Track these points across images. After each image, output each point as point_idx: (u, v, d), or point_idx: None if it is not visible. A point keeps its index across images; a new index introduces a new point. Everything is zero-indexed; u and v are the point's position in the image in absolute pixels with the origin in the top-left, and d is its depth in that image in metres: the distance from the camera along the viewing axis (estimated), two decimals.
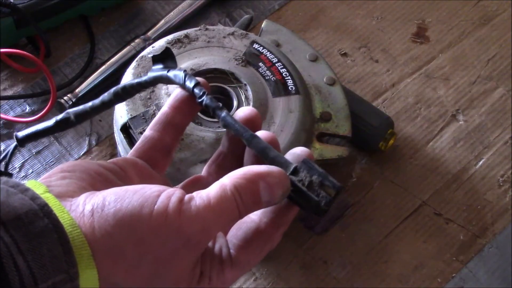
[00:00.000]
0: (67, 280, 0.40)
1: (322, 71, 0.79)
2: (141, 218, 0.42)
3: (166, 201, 0.43)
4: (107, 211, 0.42)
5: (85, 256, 0.41)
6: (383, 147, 0.80)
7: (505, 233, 0.77)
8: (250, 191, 0.44)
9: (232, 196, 0.44)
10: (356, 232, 0.77)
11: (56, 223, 0.40)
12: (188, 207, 0.43)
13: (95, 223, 0.42)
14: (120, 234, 0.42)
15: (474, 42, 0.91)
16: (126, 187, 0.44)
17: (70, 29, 0.90)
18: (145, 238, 0.42)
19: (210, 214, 0.43)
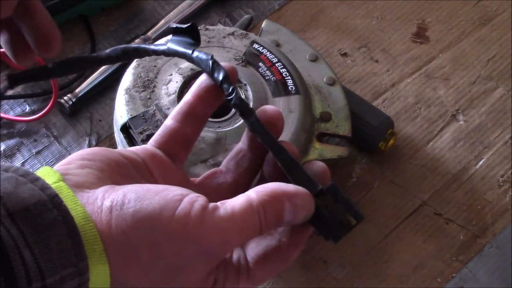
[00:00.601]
0: (76, 274, 0.39)
1: (322, 71, 0.79)
2: (160, 221, 0.41)
3: (188, 207, 0.41)
4: (126, 210, 0.41)
5: (97, 251, 0.40)
6: (383, 147, 0.80)
7: (505, 233, 0.77)
8: (275, 210, 0.43)
9: (257, 213, 0.43)
10: (356, 232, 0.77)
11: (66, 215, 0.39)
12: (211, 216, 0.42)
13: (112, 221, 0.41)
14: (136, 235, 0.41)
15: (474, 42, 0.91)
16: (148, 186, 0.42)
17: (70, 29, 0.90)
18: (162, 243, 0.41)
19: (232, 227, 0.42)
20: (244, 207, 0.43)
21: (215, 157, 0.70)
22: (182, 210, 0.41)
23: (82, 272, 0.39)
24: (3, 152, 0.81)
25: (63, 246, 0.39)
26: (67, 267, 0.39)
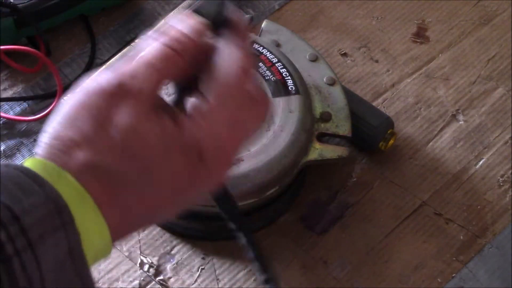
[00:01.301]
0: (46, 202, 0.39)
1: (322, 71, 0.79)
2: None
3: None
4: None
5: (55, 169, 0.41)
6: (383, 147, 0.80)
7: (505, 233, 0.77)
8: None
9: (159, 43, 0.45)
10: (356, 232, 0.77)
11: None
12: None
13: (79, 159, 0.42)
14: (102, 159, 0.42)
15: (474, 42, 0.91)
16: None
17: (70, 29, 0.90)
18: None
19: (136, 63, 0.44)
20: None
21: None
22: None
23: (60, 208, 0.39)
24: (3, 152, 0.81)
25: (21, 181, 0.39)
26: (31, 195, 0.39)
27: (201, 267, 0.74)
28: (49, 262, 0.38)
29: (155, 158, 0.43)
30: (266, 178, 0.71)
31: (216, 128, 0.45)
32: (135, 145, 0.43)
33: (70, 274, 0.40)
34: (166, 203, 0.46)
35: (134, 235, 0.76)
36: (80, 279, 0.40)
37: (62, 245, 0.39)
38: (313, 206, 0.78)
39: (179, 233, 0.76)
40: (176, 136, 0.44)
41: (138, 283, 0.73)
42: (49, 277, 0.38)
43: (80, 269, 0.40)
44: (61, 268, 0.39)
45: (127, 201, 0.43)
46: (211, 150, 0.45)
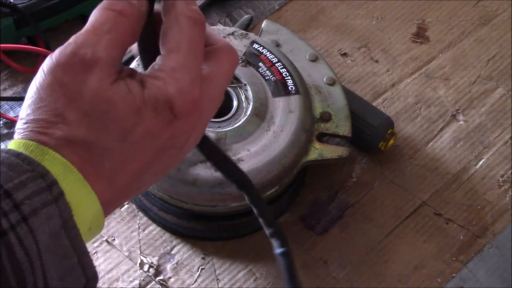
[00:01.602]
0: (35, 177, 0.40)
1: (322, 71, 0.79)
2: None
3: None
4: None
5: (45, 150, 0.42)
6: (383, 147, 0.80)
7: (505, 233, 0.77)
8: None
9: (102, 10, 0.46)
10: (356, 232, 0.77)
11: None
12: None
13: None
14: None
15: (474, 42, 0.91)
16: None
17: (70, 29, 0.90)
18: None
19: (86, 33, 0.45)
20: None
21: None
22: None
23: (49, 183, 0.40)
24: None
25: (10, 161, 0.41)
26: (22, 174, 0.40)
27: (201, 267, 0.74)
28: (44, 234, 0.39)
29: (127, 121, 0.44)
30: (266, 178, 0.71)
31: (182, 82, 0.46)
32: (105, 112, 0.44)
33: (65, 246, 0.41)
34: (150, 164, 0.46)
35: (134, 236, 0.76)
36: (75, 251, 0.41)
37: (55, 218, 0.40)
38: (313, 206, 0.78)
39: (179, 233, 0.76)
40: (144, 96, 0.45)
41: (138, 283, 0.73)
42: (45, 249, 0.39)
43: (74, 241, 0.41)
44: (56, 240, 0.40)
45: (111, 169, 0.44)
46: (182, 103, 0.45)
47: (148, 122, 0.45)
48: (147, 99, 0.45)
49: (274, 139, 0.72)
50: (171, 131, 0.46)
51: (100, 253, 0.75)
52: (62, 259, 0.40)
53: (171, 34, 0.47)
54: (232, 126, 0.72)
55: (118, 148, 0.44)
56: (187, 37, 0.47)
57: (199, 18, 0.48)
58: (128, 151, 0.44)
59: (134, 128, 0.44)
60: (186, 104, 0.46)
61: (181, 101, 0.45)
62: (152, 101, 0.45)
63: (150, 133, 0.45)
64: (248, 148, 0.71)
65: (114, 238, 0.75)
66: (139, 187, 0.48)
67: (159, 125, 0.45)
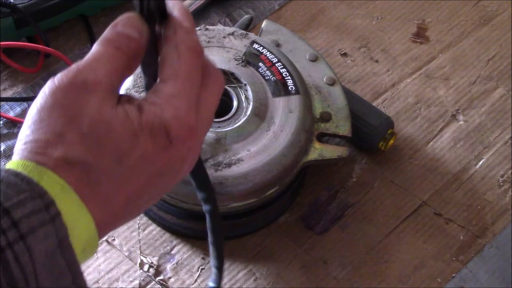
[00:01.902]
0: (33, 197, 0.41)
1: (322, 71, 0.79)
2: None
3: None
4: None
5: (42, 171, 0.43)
6: (383, 147, 0.80)
7: (505, 233, 0.77)
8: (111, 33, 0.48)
9: (102, 45, 0.47)
10: (356, 232, 0.77)
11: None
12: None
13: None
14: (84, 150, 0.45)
15: (474, 42, 0.91)
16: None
17: (70, 29, 0.90)
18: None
19: (89, 63, 0.46)
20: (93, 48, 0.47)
21: (215, 157, 0.70)
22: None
23: (40, 194, 0.41)
24: (3, 152, 0.81)
25: (10, 180, 0.41)
26: (21, 193, 0.41)
27: (201, 267, 0.74)
28: (40, 253, 0.40)
29: (124, 144, 0.45)
30: (266, 178, 0.71)
31: (179, 109, 0.47)
32: (103, 135, 0.45)
33: (60, 265, 0.41)
34: (146, 189, 0.47)
35: (134, 236, 0.76)
36: (70, 270, 0.42)
37: (51, 237, 0.40)
38: (313, 206, 0.78)
39: (179, 233, 0.76)
40: (141, 121, 0.46)
41: (138, 283, 0.73)
42: (41, 268, 0.40)
43: (69, 261, 0.42)
44: (51, 259, 0.40)
45: (106, 192, 0.45)
46: (178, 130, 0.46)
47: (144, 147, 0.46)
48: (144, 124, 0.46)
49: (274, 139, 0.72)
50: (167, 156, 0.47)
51: (100, 253, 0.75)
52: (57, 278, 0.41)
53: (170, 61, 0.48)
54: (232, 126, 0.72)
55: (114, 171, 0.45)
56: (186, 66, 0.48)
57: (199, 48, 0.49)
58: (124, 174, 0.45)
59: (130, 152, 0.45)
60: (183, 131, 0.47)
61: (177, 127, 0.47)
62: (149, 126, 0.46)
63: (145, 157, 0.46)
64: (248, 148, 0.71)
65: (114, 238, 0.75)
66: (132, 212, 0.49)
67: (155, 150, 0.46)
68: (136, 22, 0.48)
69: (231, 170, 0.69)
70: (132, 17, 0.48)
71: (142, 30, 0.48)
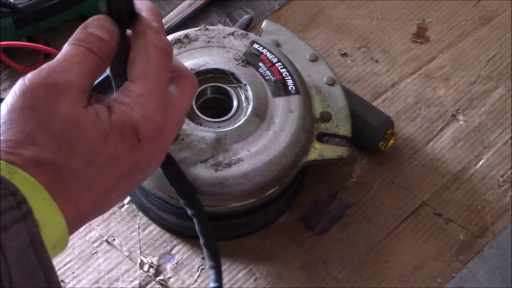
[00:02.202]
0: (5, 194, 0.41)
1: (322, 71, 0.79)
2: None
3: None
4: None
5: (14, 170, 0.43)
6: (383, 147, 0.80)
7: (505, 233, 0.77)
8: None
9: (73, 45, 0.48)
10: (356, 232, 0.77)
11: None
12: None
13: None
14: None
15: (474, 42, 0.91)
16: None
17: (70, 29, 0.90)
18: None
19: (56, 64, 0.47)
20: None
21: (215, 157, 0.70)
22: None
23: (19, 200, 0.41)
24: None
25: None
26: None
27: (201, 267, 0.74)
28: (12, 250, 0.40)
29: (94, 145, 0.46)
30: (266, 178, 0.71)
31: (147, 108, 0.48)
32: (74, 136, 0.45)
33: (32, 262, 0.41)
34: (116, 187, 0.48)
35: (134, 236, 0.76)
36: (42, 267, 0.42)
37: (23, 235, 0.41)
38: (313, 206, 0.78)
39: (179, 233, 0.76)
40: (111, 121, 0.46)
41: (138, 283, 0.73)
42: (13, 265, 0.40)
43: (41, 257, 0.42)
44: (23, 256, 0.41)
45: (77, 190, 0.45)
46: (146, 129, 0.47)
47: (114, 147, 0.46)
48: (114, 124, 0.46)
49: (274, 139, 0.72)
50: (136, 155, 0.47)
51: (100, 253, 0.75)
52: (29, 275, 0.41)
53: (139, 61, 0.49)
54: (232, 126, 0.72)
55: (84, 171, 0.45)
56: (154, 66, 0.49)
57: (167, 48, 0.50)
58: (94, 174, 0.46)
59: (101, 153, 0.46)
60: (151, 130, 0.48)
61: (145, 127, 0.47)
62: (119, 126, 0.46)
63: (115, 157, 0.46)
64: (248, 148, 0.71)
65: (114, 238, 0.75)
66: (103, 208, 0.49)
67: (124, 149, 0.47)
68: (107, 23, 0.49)
69: (231, 170, 0.69)
70: (103, 18, 0.49)
71: (113, 32, 0.49)
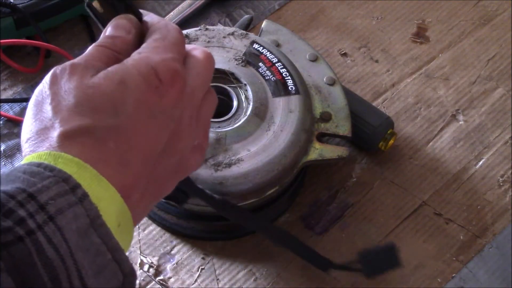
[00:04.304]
0: (57, 181, 0.41)
1: (322, 71, 0.79)
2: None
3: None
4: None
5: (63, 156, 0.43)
6: (383, 147, 0.80)
7: (505, 233, 0.77)
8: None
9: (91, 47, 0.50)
10: (356, 232, 0.77)
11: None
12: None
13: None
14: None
15: (474, 42, 0.91)
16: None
17: (70, 29, 0.90)
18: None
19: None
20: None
21: (215, 157, 0.70)
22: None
23: (72, 186, 0.41)
24: (3, 152, 0.81)
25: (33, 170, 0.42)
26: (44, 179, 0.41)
27: (201, 267, 0.74)
28: (72, 233, 0.40)
29: (113, 94, 0.46)
30: (266, 178, 0.71)
31: (164, 55, 0.48)
32: (90, 96, 0.45)
33: (96, 243, 0.41)
34: (157, 140, 0.47)
35: (134, 236, 0.76)
36: (108, 248, 0.41)
37: (82, 218, 0.40)
38: (313, 206, 0.78)
39: (179, 233, 0.76)
40: (128, 66, 0.47)
41: (138, 283, 0.73)
42: (75, 247, 0.40)
43: (105, 238, 0.41)
44: (86, 239, 0.40)
45: (117, 149, 0.45)
46: (165, 70, 0.47)
47: (136, 90, 0.46)
48: (130, 68, 0.46)
49: (274, 139, 0.72)
50: (161, 99, 0.47)
51: None
52: (95, 256, 0.41)
53: (158, 30, 0.50)
54: (232, 126, 0.72)
55: (115, 124, 0.45)
56: (170, 33, 0.50)
57: (179, 29, 0.51)
58: (126, 124, 0.45)
59: (123, 100, 0.45)
60: (169, 72, 0.47)
61: (164, 68, 0.47)
62: (137, 68, 0.46)
63: (141, 101, 0.46)
64: (248, 148, 0.71)
65: None
66: (155, 169, 0.47)
67: (148, 91, 0.46)
68: (119, 21, 0.51)
69: (231, 170, 0.69)
70: (117, 18, 0.51)
71: (127, 26, 0.50)
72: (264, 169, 0.70)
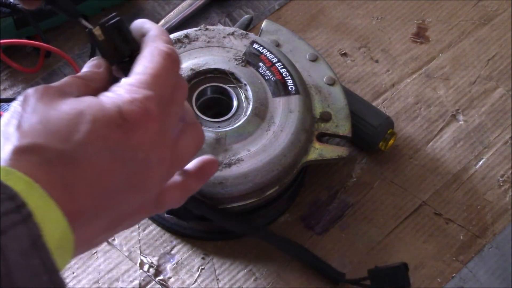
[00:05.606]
0: (3, 199, 0.40)
1: (322, 71, 0.79)
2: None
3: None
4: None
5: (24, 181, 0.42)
6: (383, 147, 0.80)
7: (505, 233, 0.77)
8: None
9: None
10: (356, 232, 0.77)
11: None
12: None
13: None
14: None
15: (474, 42, 0.91)
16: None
17: (70, 29, 0.90)
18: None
19: None
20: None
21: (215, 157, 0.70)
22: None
23: (18, 204, 0.41)
24: None
25: None
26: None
27: (201, 267, 0.74)
28: (13, 252, 0.39)
29: (68, 121, 0.46)
30: (266, 178, 0.71)
31: (136, 94, 0.47)
32: (46, 117, 0.45)
33: (35, 264, 0.41)
34: (110, 174, 0.46)
35: (134, 236, 0.76)
36: (45, 269, 0.41)
37: (24, 237, 0.40)
38: (313, 206, 0.78)
39: (179, 233, 0.76)
40: (91, 102, 0.47)
41: (138, 283, 0.73)
42: (15, 268, 0.39)
43: (44, 260, 0.41)
44: (26, 259, 0.40)
45: (63, 173, 0.44)
46: (131, 109, 0.47)
47: (94, 122, 0.46)
48: (96, 101, 0.47)
49: (274, 139, 0.72)
50: (125, 138, 0.46)
51: (100, 253, 0.75)
52: (33, 277, 0.40)
53: (141, 61, 0.50)
54: (232, 126, 0.72)
55: (65, 149, 0.45)
56: (155, 64, 0.49)
57: (173, 54, 0.50)
58: (76, 153, 0.45)
59: (78, 128, 0.45)
60: (137, 111, 0.47)
61: (130, 107, 0.47)
62: (103, 102, 0.47)
63: (97, 134, 0.45)
64: (248, 148, 0.71)
65: (114, 238, 0.75)
66: (103, 204, 0.47)
67: (106, 127, 0.46)
68: (94, 61, 0.53)
69: (231, 170, 0.69)
70: (92, 60, 0.53)
71: (99, 63, 0.52)
72: (264, 169, 0.70)
